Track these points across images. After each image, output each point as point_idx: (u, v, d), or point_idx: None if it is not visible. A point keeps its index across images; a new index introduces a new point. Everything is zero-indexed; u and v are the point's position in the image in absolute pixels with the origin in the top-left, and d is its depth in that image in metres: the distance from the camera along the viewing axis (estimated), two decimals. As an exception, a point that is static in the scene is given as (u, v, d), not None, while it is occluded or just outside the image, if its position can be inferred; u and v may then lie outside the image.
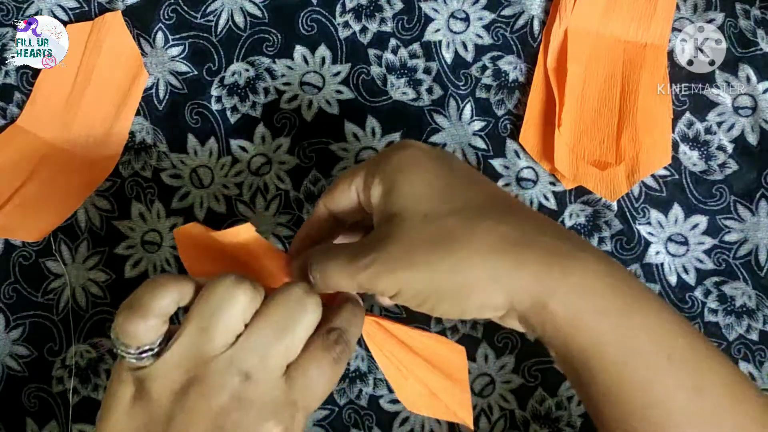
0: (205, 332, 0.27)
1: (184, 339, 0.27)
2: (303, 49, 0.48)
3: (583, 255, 0.28)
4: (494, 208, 0.30)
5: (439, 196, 0.30)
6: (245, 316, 0.28)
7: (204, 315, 0.27)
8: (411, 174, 0.30)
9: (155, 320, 0.27)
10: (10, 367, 0.46)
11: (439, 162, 0.31)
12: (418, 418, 0.46)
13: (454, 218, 0.29)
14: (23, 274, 0.46)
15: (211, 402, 0.27)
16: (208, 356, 0.27)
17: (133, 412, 0.27)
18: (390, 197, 0.30)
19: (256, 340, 0.27)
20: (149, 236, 0.47)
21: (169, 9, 0.48)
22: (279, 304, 0.28)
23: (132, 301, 0.27)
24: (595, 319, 0.27)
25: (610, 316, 0.27)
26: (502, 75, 0.48)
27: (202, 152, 0.47)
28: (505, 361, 0.46)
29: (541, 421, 0.46)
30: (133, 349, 0.27)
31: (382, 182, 0.31)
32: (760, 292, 0.46)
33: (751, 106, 0.47)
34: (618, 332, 0.27)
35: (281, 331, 0.28)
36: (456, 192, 0.30)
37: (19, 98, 0.48)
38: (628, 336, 0.27)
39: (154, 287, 0.27)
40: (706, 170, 0.47)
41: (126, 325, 0.27)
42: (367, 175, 0.32)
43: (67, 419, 0.46)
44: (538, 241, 0.28)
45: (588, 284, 0.27)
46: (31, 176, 0.46)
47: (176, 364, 0.27)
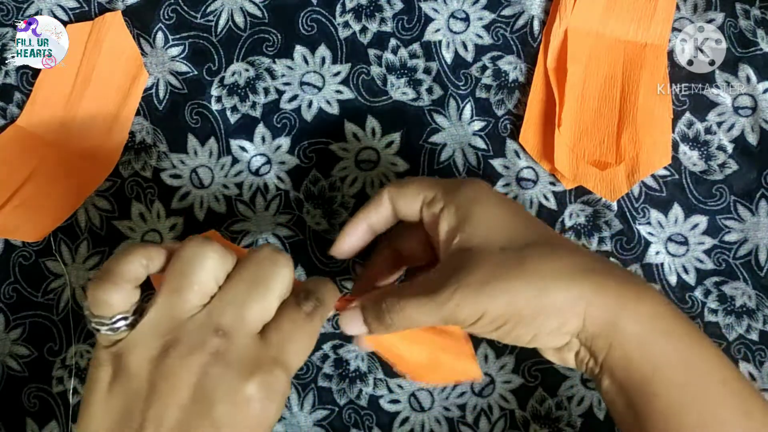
0: (178, 293, 0.27)
1: (157, 303, 0.27)
2: (303, 49, 0.48)
3: (647, 285, 0.31)
4: (561, 243, 0.33)
5: (515, 229, 0.32)
6: (217, 275, 0.28)
7: (175, 276, 0.27)
8: (485, 207, 0.33)
9: (126, 285, 0.27)
10: (10, 367, 0.46)
11: (504, 200, 0.34)
12: (418, 418, 0.46)
13: (531, 249, 0.31)
14: (23, 274, 0.46)
15: (190, 362, 0.26)
16: (183, 317, 0.27)
17: (112, 396, 0.27)
18: (466, 228, 0.32)
19: (231, 297, 0.28)
20: (149, 236, 0.47)
21: (169, 9, 0.48)
22: (251, 262, 0.28)
23: (102, 271, 0.27)
24: (662, 341, 0.30)
25: (676, 341, 0.30)
26: (502, 75, 0.48)
27: (202, 152, 0.47)
28: (505, 361, 0.46)
29: (541, 421, 0.46)
30: (107, 319, 0.27)
31: (456, 213, 0.33)
32: (760, 292, 0.46)
33: (751, 106, 0.47)
34: (682, 356, 0.30)
35: (255, 287, 0.28)
36: (529, 225, 0.33)
37: (19, 98, 0.48)
38: (690, 360, 0.30)
39: (122, 254, 0.28)
40: (706, 170, 0.47)
41: (97, 293, 0.27)
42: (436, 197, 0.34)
43: (67, 419, 0.46)
44: (609, 269, 0.31)
45: (658, 310, 0.30)
46: (31, 176, 0.46)
47: (152, 330, 0.27)
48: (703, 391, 0.30)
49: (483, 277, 0.30)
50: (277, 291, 0.28)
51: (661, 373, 0.30)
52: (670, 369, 0.30)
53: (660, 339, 0.30)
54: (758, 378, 0.45)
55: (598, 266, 0.31)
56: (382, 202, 0.36)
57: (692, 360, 0.30)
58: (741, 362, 0.45)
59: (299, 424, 0.46)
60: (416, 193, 0.35)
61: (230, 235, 0.46)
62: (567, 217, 0.47)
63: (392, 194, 0.35)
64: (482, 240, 0.31)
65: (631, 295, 0.30)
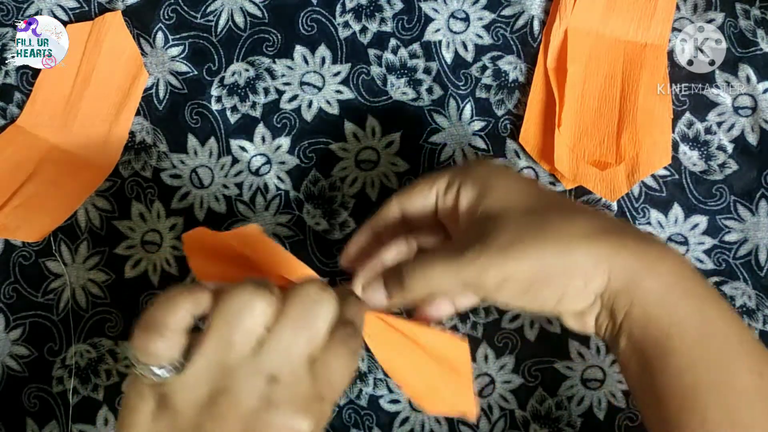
0: (227, 343, 0.27)
1: (206, 351, 0.27)
2: (303, 49, 0.48)
3: (670, 248, 0.32)
4: (581, 208, 0.33)
5: (534, 196, 0.33)
6: (266, 321, 0.27)
7: (224, 325, 0.27)
8: (504, 178, 0.33)
9: (173, 336, 0.27)
10: (10, 367, 0.46)
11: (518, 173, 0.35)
12: (418, 417, 0.46)
13: (553, 212, 0.32)
14: (23, 274, 0.46)
15: (239, 409, 0.26)
16: (233, 365, 0.27)
17: (157, 425, 0.27)
18: (486, 198, 0.33)
19: (279, 342, 0.27)
20: (149, 236, 0.47)
21: (169, 9, 0.48)
22: (297, 303, 0.28)
23: (147, 320, 0.27)
24: (681, 300, 0.30)
25: (696, 299, 0.30)
26: (502, 75, 0.48)
27: (202, 152, 0.47)
28: (505, 361, 0.46)
29: (541, 421, 0.46)
30: (154, 367, 0.26)
31: (474, 186, 0.33)
32: (760, 292, 0.46)
33: (751, 106, 0.47)
34: (700, 314, 0.30)
35: (302, 330, 0.28)
36: (545, 195, 0.34)
37: (19, 98, 0.48)
38: (709, 318, 0.30)
39: (167, 302, 0.27)
40: (706, 170, 0.47)
41: (144, 345, 0.26)
42: (451, 180, 0.34)
43: (67, 419, 0.46)
44: (632, 231, 0.32)
45: (679, 270, 0.31)
46: (31, 176, 0.46)
47: (200, 378, 0.27)
48: (720, 349, 0.30)
49: (508, 240, 0.30)
50: (323, 330, 0.28)
51: (679, 329, 0.30)
52: (689, 326, 0.30)
53: (679, 296, 0.30)
54: (758, 378, 0.45)
55: (619, 228, 0.32)
56: (390, 211, 0.36)
57: (710, 318, 0.30)
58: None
59: (299, 424, 0.46)
60: (428, 187, 0.35)
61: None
62: (567, 217, 0.47)
63: (402, 198, 0.36)
64: (506, 205, 0.32)
65: (652, 254, 0.31)
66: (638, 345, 0.31)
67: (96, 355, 0.46)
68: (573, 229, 0.31)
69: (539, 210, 0.32)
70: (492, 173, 0.34)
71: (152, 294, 0.46)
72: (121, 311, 0.46)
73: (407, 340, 0.35)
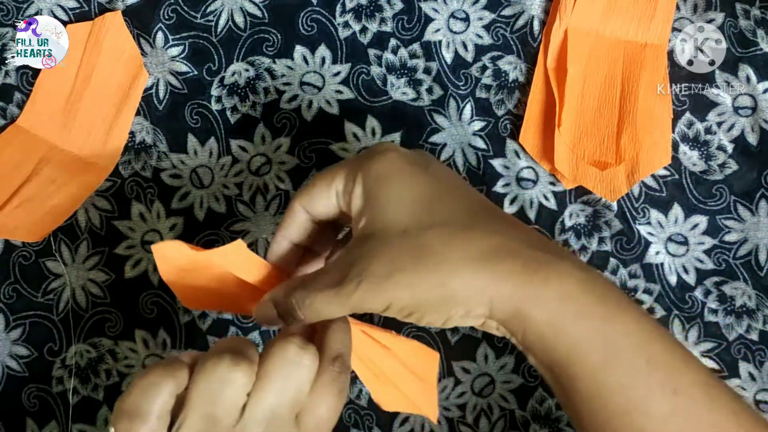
0: (210, 418, 0.27)
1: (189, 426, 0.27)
2: (303, 49, 0.48)
3: (562, 264, 0.29)
4: (475, 220, 0.30)
5: (420, 209, 0.30)
6: (246, 390, 0.27)
7: (205, 401, 0.27)
8: (391, 185, 0.30)
9: (157, 420, 0.26)
10: (10, 367, 0.46)
11: (420, 169, 0.31)
12: (418, 418, 0.46)
13: (434, 232, 0.29)
14: (23, 274, 0.46)
15: None
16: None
17: None
18: (370, 211, 0.30)
19: (263, 408, 0.27)
20: (149, 236, 0.47)
21: (169, 9, 0.48)
22: (277, 369, 0.28)
23: (129, 405, 0.26)
24: (575, 324, 0.28)
25: (591, 321, 0.28)
26: (502, 75, 0.48)
27: (202, 152, 0.47)
28: (505, 361, 0.46)
29: (541, 421, 0.46)
30: None
31: (363, 193, 0.31)
32: (760, 292, 0.46)
33: (751, 106, 0.47)
34: (598, 337, 0.28)
35: (285, 392, 0.27)
36: (436, 203, 0.30)
37: (19, 98, 0.48)
38: (608, 340, 0.28)
39: (149, 387, 0.27)
40: (706, 170, 0.47)
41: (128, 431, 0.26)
42: (347, 179, 0.32)
43: (67, 419, 0.46)
44: (517, 251, 0.29)
45: (568, 291, 0.28)
46: (31, 176, 0.46)
47: None
48: (627, 372, 0.28)
49: (384, 269, 0.29)
50: (306, 385, 0.28)
51: (578, 355, 0.28)
52: (588, 351, 0.28)
53: (572, 321, 0.28)
54: (758, 378, 0.45)
55: (505, 250, 0.29)
56: (294, 215, 0.34)
57: (612, 339, 0.28)
58: (741, 362, 0.45)
59: (299, 424, 0.46)
60: (327, 186, 0.32)
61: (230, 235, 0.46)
62: (567, 217, 0.47)
63: (303, 201, 0.33)
64: (385, 223, 0.30)
65: (538, 279, 0.28)
66: (545, 365, 0.29)
67: (96, 355, 0.46)
68: (450, 256, 0.28)
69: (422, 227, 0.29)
70: (383, 177, 0.31)
71: (152, 294, 0.46)
72: (121, 311, 0.46)
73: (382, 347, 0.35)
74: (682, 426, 0.28)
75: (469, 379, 0.46)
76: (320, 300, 0.30)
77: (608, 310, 0.28)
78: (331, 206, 0.33)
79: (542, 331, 0.28)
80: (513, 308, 0.28)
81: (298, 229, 0.34)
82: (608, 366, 0.28)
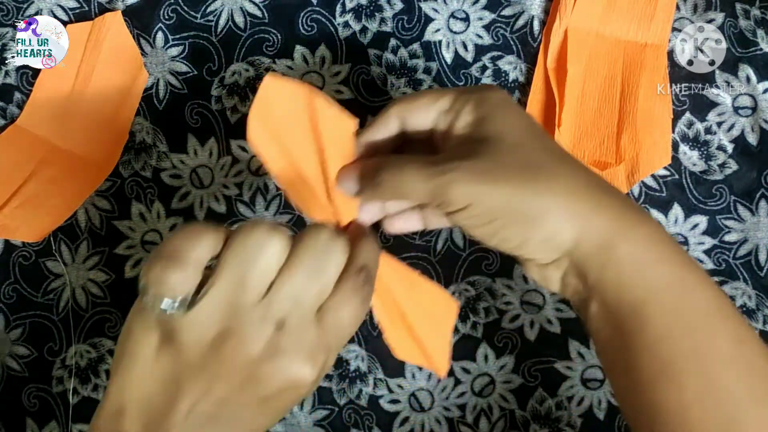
0: (240, 283, 0.27)
1: (217, 290, 0.26)
2: (303, 49, 0.48)
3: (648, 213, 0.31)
4: (575, 159, 0.32)
5: (531, 134, 0.31)
6: (279, 263, 0.27)
7: (238, 265, 0.27)
8: (507, 108, 0.31)
9: (192, 269, 0.26)
10: (10, 367, 0.46)
11: (523, 110, 0.33)
12: (418, 417, 0.46)
13: (545, 153, 0.30)
14: (23, 274, 0.46)
15: (245, 353, 0.26)
16: (242, 307, 0.27)
17: (161, 358, 0.27)
18: (483, 124, 0.31)
19: (290, 287, 0.27)
20: (149, 236, 0.47)
21: (169, 9, 0.48)
22: (309, 248, 0.28)
23: (168, 250, 0.26)
24: (657, 266, 0.29)
25: (671, 267, 0.30)
26: (502, 75, 0.48)
27: (202, 152, 0.47)
28: (505, 361, 0.46)
29: (541, 421, 0.46)
30: (167, 299, 0.26)
31: (476, 110, 0.31)
32: (760, 292, 0.46)
33: (751, 106, 0.47)
34: (677, 282, 0.29)
35: (313, 275, 0.27)
36: (545, 137, 0.32)
37: (19, 98, 0.48)
38: (687, 285, 0.29)
39: (192, 234, 0.27)
40: (706, 170, 0.47)
41: (162, 275, 0.26)
42: (455, 100, 0.32)
43: (67, 419, 0.46)
44: (615, 193, 0.30)
45: (656, 236, 0.30)
46: (31, 176, 0.46)
47: (209, 316, 0.26)
48: (698, 316, 0.29)
49: (488, 166, 0.29)
50: (334, 276, 0.28)
51: (656, 296, 0.29)
52: (665, 293, 0.29)
53: (656, 263, 0.29)
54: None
55: (600, 187, 0.30)
56: (388, 120, 0.33)
57: (688, 285, 0.29)
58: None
59: (299, 424, 0.46)
60: (431, 101, 0.32)
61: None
62: (567, 217, 0.47)
63: (401, 110, 0.33)
64: (498, 134, 0.30)
65: (631, 217, 0.29)
66: (612, 310, 0.30)
67: (96, 355, 0.46)
68: (555, 174, 0.29)
69: (534, 147, 0.30)
70: (499, 103, 0.31)
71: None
72: (121, 311, 0.46)
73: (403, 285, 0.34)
74: (743, 372, 0.29)
75: (469, 379, 0.46)
76: (409, 171, 0.30)
77: (685, 259, 0.30)
78: (427, 121, 0.33)
79: (625, 268, 0.29)
80: (602, 240, 0.29)
81: (383, 135, 0.34)
82: (683, 309, 0.29)
